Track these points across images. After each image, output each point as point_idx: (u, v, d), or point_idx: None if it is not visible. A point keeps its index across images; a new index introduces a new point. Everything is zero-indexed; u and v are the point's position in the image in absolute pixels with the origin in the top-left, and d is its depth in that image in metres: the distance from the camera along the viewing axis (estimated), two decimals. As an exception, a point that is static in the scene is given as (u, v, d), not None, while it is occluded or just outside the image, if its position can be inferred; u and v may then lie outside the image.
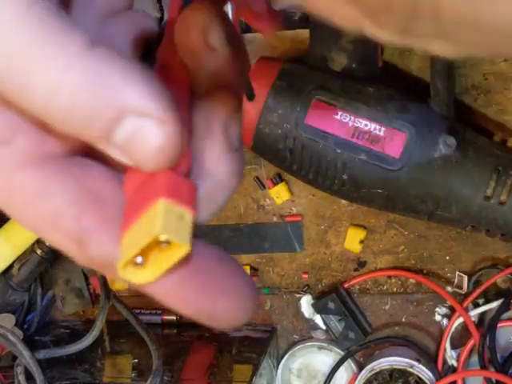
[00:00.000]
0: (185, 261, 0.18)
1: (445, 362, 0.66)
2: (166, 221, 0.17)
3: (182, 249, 0.18)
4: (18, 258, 0.72)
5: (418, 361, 0.65)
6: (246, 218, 0.71)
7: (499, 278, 0.65)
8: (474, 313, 0.64)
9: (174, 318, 0.74)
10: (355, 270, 0.69)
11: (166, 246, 0.18)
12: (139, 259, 0.18)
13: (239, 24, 0.62)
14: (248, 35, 0.66)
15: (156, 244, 0.18)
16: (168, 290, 0.19)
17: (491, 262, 0.66)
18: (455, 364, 0.65)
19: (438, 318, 0.68)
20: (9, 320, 0.70)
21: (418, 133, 0.55)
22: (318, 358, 0.71)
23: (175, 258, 0.18)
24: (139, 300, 0.75)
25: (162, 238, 0.17)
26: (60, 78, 0.16)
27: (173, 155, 0.18)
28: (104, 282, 0.59)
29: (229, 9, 0.61)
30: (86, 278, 0.75)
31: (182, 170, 0.19)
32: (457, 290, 0.66)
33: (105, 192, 0.19)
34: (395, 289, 0.69)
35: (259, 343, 0.68)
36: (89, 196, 0.19)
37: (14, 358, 0.56)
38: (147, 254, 0.18)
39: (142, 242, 0.17)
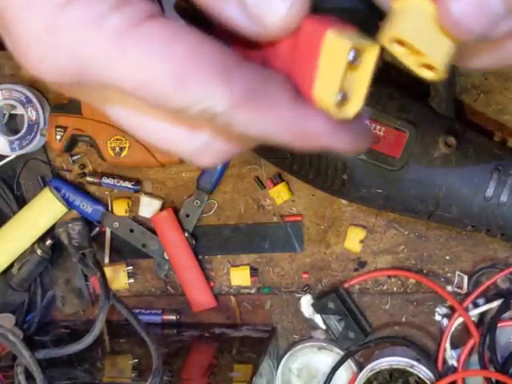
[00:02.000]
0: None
1: (445, 361, 0.66)
2: (344, 38, 0.19)
3: (373, 50, 0.21)
4: (18, 258, 0.72)
5: (418, 361, 0.65)
6: (246, 217, 0.71)
7: (499, 278, 0.65)
8: (474, 313, 0.64)
9: (174, 317, 0.74)
10: (355, 269, 0.69)
11: (356, 65, 0.20)
12: (340, 96, 0.20)
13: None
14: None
15: (348, 69, 0.20)
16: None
17: (491, 262, 0.66)
18: (455, 364, 0.65)
19: (437, 317, 0.68)
20: (9, 320, 0.70)
21: (418, 133, 0.55)
22: (317, 358, 0.71)
23: (369, 67, 0.21)
24: (139, 300, 0.75)
25: (351, 51, 0.20)
26: None
27: (298, 20, 0.19)
28: (104, 281, 0.59)
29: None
30: (86, 278, 0.75)
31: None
32: (457, 289, 0.66)
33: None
34: (395, 289, 0.69)
35: (259, 343, 0.68)
36: (212, 41, 0.20)
37: (14, 357, 0.56)
38: (344, 88, 0.20)
39: (338, 73, 0.20)
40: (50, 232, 0.71)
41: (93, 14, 0.19)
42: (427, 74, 0.22)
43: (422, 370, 0.64)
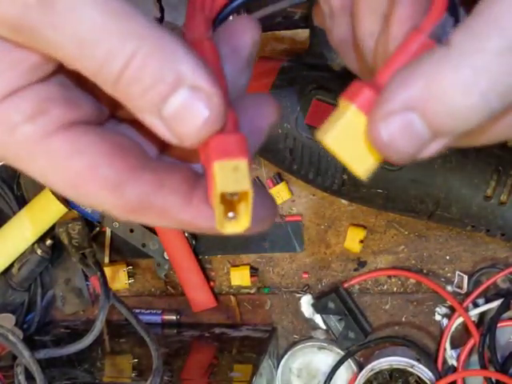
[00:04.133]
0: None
1: (445, 361, 0.66)
2: (223, 178, 0.20)
3: (247, 193, 0.21)
4: (18, 258, 0.72)
5: (418, 360, 0.65)
6: (246, 217, 0.71)
7: (499, 278, 0.65)
8: (474, 313, 0.64)
9: (174, 317, 0.74)
10: (355, 269, 0.69)
11: (237, 197, 0.21)
12: (230, 214, 0.21)
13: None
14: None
15: (232, 197, 0.21)
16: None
17: (491, 262, 0.66)
18: (455, 364, 0.65)
19: (437, 317, 0.68)
20: (9, 320, 0.70)
21: (418, 133, 0.55)
22: (318, 358, 0.71)
23: (249, 202, 0.21)
24: (139, 300, 0.75)
25: (227, 192, 0.20)
26: (131, 47, 0.18)
27: (217, 127, 0.20)
28: (104, 281, 0.59)
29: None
30: (86, 277, 0.75)
31: (230, 127, 0.21)
32: (457, 289, 0.66)
33: (132, 146, 0.23)
34: (395, 289, 0.69)
35: (259, 343, 0.68)
36: (120, 149, 0.22)
37: (14, 357, 0.56)
38: (235, 208, 0.21)
39: (215, 202, 0.21)
40: (50, 232, 0.71)
41: (9, 122, 0.20)
42: (355, 173, 0.23)
43: (422, 370, 0.64)
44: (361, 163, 0.23)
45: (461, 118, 0.19)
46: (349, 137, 0.22)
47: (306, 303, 0.70)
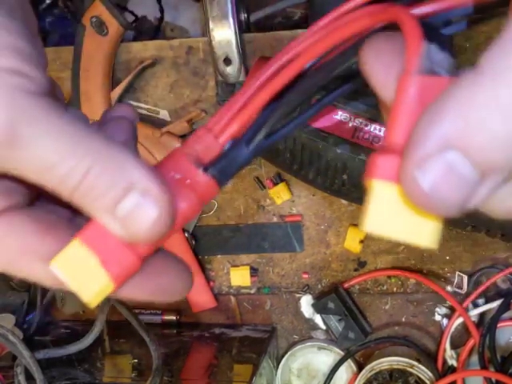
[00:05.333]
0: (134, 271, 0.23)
1: (445, 361, 0.66)
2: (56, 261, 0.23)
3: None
4: (18, 258, 0.72)
5: (418, 361, 0.65)
6: (246, 218, 0.71)
7: (499, 278, 0.65)
8: (474, 313, 0.64)
9: (174, 317, 0.74)
10: (355, 270, 0.69)
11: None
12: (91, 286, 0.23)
13: (238, 25, 0.62)
14: (248, 35, 0.66)
15: None
16: (126, 295, 0.25)
17: (491, 262, 0.66)
18: (455, 364, 0.65)
19: (437, 317, 0.68)
20: (9, 320, 0.70)
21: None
22: (318, 358, 0.71)
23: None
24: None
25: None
26: (79, 163, 0.21)
27: (164, 229, 0.22)
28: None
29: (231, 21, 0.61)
30: (86, 278, 0.74)
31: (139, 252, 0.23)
32: (457, 289, 0.66)
33: (58, 219, 0.25)
34: (395, 289, 0.69)
35: (259, 343, 0.68)
36: (48, 225, 0.25)
37: (14, 357, 0.56)
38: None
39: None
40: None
41: None
42: (424, 246, 0.21)
43: (422, 370, 0.64)
44: (421, 234, 0.20)
45: (506, 146, 0.17)
46: (391, 214, 0.20)
47: (305, 303, 0.70)
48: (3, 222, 0.24)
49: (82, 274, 0.23)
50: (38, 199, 0.27)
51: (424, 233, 0.20)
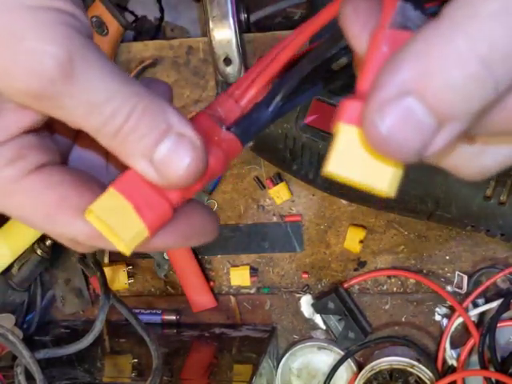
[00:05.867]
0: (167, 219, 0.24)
1: (445, 361, 0.66)
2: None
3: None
4: (18, 258, 0.72)
5: (418, 360, 0.65)
6: (246, 218, 0.71)
7: (499, 278, 0.65)
8: (474, 313, 0.64)
9: (174, 317, 0.74)
10: (355, 269, 0.69)
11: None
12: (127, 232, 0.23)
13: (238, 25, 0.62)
14: (248, 35, 0.66)
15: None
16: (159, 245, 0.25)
17: (491, 262, 0.66)
18: (455, 364, 0.65)
19: (437, 317, 0.68)
20: (9, 320, 0.70)
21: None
22: (318, 358, 0.71)
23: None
24: (139, 300, 0.75)
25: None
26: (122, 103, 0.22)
27: (197, 174, 0.22)
28: (104, 281, 0.59)
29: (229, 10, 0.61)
30: (86, 278, 0.75)
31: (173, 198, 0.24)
32: (457, 289, 0.66)
33: (91, 178, 0.26)
34: (395, 289, 0.69)
35: (259, 343, 0.68)
36: (83, 181, 0.25)
37: (14, 357, 0.56)
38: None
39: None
40: (50, 232, 0.71)
41: None
42: (379, 192, 0.21)
43: (422, 370, 0.64)
44: (378, 179, 0.20)
45: (463, 93, 0.17)
46: (352, 156, 0.21)
47: (305, 303, 0.70)
48: (43, 175, 0.25)
49: (117, 222, 0.23)
50: (71, 156, 0.28)
51: (383, 178, 0.20)
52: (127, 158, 0.23)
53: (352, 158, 0.21)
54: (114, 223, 0.23)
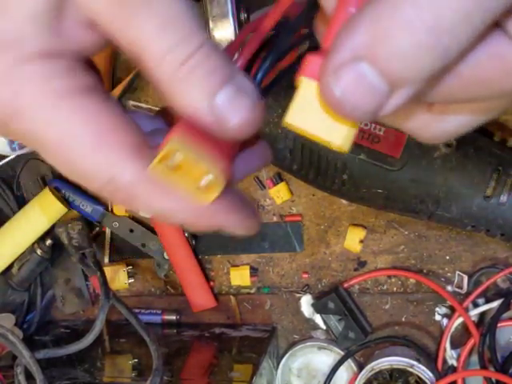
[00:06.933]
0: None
1: (445, 361, 0.66)
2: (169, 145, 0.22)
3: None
4: (18, 258, 0.72)
5: (418, 360, 0.65)
6: (245, 217, 0.70)
7: (499, 278, 0.65)
8: (474, 313, 0.64)
9: (174, 317, 0.74)
10: (355, 269, 0.69)
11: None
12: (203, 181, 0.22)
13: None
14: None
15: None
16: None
17: (491, 262, 0.66)
18: (455, 364, 0.65)
19: (437, 317, 0.68)
20: (9, 320, 0.70)
21: (418, 133, 0.55)
22: (318, 358, 0.71)
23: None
24: (139, 300, 0.75)
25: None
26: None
27: (251, 129, 0.22)
28: (104, 281, 0.59)
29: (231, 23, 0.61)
30: (86, 277, 0.75)
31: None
32: (457, 289, 0.66)
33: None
34: (395, 289, 0.69)
35: (259, 343, 0.68)
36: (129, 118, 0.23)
37: (14, 357, 0.56)
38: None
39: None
40: (50, 232, 0.71)
41: (43, 73, 0.22)
42: (334, 148, 0.22)
43: (422, 370, 0.64)
44: (333, 134, 0.21)
45: (411, 60, 0.18)
46: (310, 110, 0.21)
47: (305, 303, 0.70)
48: (96, 97, 0.23)
49: (187, 171, 0.22)
50: None
51: (338, 134, 0.21)
52: (186, 96, 0.21)
53: (310, 112, 0.21)
54: (184, 172, 0.22)
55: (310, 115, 0.21)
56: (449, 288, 0.67)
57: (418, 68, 0.18)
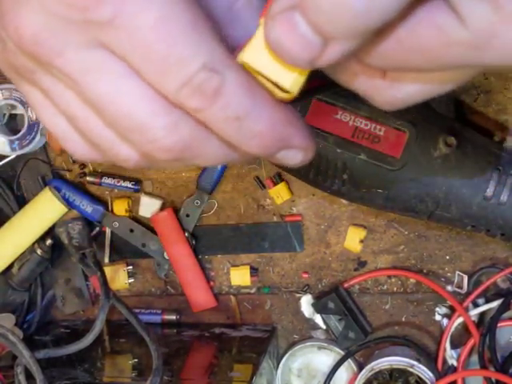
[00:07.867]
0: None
1: (445, 361, 0.66)
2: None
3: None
4: (18, 258, 0.72)
5: (418, 360, 0.65)
6: (246, 217, 0.71)
7: (499, 278, 0.65)
8: (474, 312, 0.64)
9: (174, 317, 0.74)
10: (355, 269, 0.69)
11: None
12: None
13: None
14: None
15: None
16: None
17: (491, 261, 0.66)
18: (455, 364, 0.65)
19: (437, 317, 0.68)
20: (9, 320, 0.70)
21: (418, 132, 0.55)
22: (318, 358, 0.71)
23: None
24: (139, 300, 0.75)
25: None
26: None
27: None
28: (104, 281, 0.59)
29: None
30: (86, 277, 0.75)
31: None
32: (457, 289, 0.66)
33: None
34: (395, 289, 0.69)
35: (259, 343, 0.68)
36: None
37: (14, 357, 0.56)
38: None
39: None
40: (50, 232, 0.71)
41: None
42: (281, 95, 0.23)
43: (422, 370, 0.64)
44: (283, 77, 0.22)
45: (336, 15, 0.18)
46: (264, 52, 0.22)
47: (305, 303, 0.70)
48: None
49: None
50: None
51: (287, 78, 0.22)
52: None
53: (264, 53, 0.22)
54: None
55: (263, 56, 0.22)
56: (449, 288, 0.67)
57: (344, 21, 0.18)
